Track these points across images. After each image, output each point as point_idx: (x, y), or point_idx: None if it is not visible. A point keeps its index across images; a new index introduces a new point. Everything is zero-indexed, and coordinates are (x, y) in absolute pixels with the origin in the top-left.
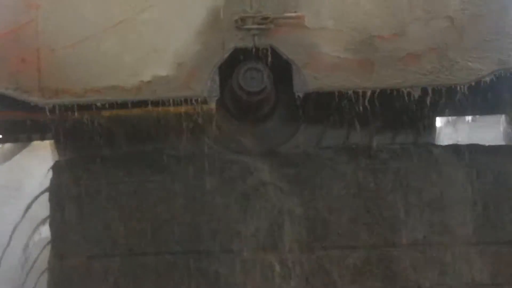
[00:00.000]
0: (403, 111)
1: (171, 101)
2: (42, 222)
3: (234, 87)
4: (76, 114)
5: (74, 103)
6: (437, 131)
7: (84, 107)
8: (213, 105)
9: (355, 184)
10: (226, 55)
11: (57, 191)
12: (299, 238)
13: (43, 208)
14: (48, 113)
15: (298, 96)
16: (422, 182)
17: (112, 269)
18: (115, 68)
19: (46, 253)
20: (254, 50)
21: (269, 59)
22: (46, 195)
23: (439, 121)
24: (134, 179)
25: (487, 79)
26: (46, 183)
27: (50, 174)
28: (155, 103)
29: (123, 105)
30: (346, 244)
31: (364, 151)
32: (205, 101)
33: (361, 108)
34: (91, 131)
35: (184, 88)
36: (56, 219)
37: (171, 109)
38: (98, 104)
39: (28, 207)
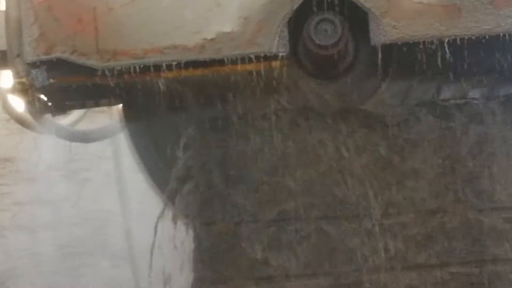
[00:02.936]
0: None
1: (238, 59)
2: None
3: (306, 41)
4: (136, 76)
5: (134, 65)
6: None
7: (145, 69)
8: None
9: (444, 144)
10: (295, 6)
11: (200, 155)
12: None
13: None
14: (108, 77)
15: (378, 48)
16: None
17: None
18: (176, 26)
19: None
20: None
21: (344, 8)
22: None
23: None
24: (279, 139)
25: None
26: None
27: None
28: (220, 62)
29: (185, 65)
30: (429, 208)
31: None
32: (274, 58)
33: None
34: (159, 93)
35: (250, 45)
36: (201, 185)
37: (239, 67)
38: (161, 65)
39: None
